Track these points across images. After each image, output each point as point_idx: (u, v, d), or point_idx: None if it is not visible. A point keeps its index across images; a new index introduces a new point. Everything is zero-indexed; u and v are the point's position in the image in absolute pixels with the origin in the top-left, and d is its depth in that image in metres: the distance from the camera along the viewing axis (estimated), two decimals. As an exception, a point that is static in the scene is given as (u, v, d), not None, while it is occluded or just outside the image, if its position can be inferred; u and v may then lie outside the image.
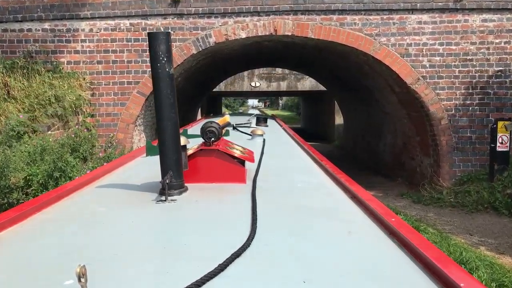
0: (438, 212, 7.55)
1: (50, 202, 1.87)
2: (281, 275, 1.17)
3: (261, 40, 9.58)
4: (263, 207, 1.74)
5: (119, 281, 1.13)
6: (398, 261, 1.29)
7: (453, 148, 8.74)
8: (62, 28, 8.79)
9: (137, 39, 8.88)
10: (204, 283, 1.06)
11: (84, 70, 8.86)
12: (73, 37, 8.83)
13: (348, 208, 1.87)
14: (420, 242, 1.34)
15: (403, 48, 8.82)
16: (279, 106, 71.58)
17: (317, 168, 2.88)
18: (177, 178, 1.92)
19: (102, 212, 1.81)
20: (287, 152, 3.80)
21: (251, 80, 20.13)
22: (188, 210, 1.79)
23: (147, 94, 8.95)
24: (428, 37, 8.78)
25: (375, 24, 8.81)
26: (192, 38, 8.86)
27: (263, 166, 2.61)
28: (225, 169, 2.20)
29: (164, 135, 1.91)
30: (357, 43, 8.81)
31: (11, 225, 1.57)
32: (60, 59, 8.80)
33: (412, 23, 8.79)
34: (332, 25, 8.80)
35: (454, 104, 8.79)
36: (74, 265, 0.93)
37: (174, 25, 8.89)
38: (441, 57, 8.78)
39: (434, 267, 1.17)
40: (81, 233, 1.54)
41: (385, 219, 1.56)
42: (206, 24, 8.86)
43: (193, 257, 1.29)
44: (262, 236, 1.42)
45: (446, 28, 8.73)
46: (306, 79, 20.07)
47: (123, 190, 2.11)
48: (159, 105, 1.90)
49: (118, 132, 8.95)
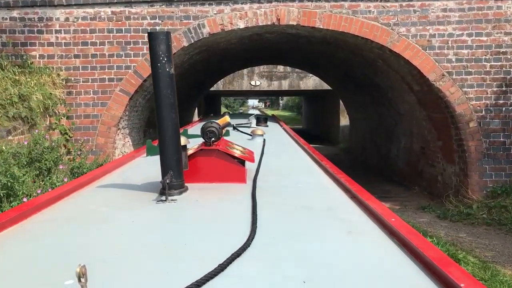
0: (471, 232, 6.40)
1: (50, 202, 1.89)
2: (281, 275, 1.17)
3: (262, 31, 8.44)
4: (263, 207, 1.76)
5: (119, 281, 1.14)
6: (398, 261, 1.28)
7: (484, 155, 7.58)
8: (33, 17, 7.65)
9: (120, 29, 7.75)
10: (204, 283, 1.07)
11: (59, 65, 7.72)
12: (46, 27, 7.69)
13: (348, 208, 1.88)
14: (420, 242, 1.33)
15: (426, 40, 7.67)
16: (280, 106, 70.74)
17: (317, 168, 2.88)
18: (177, 178, 1.93)
19: (102, 212, 1.81)
20: (287, 152, 3.79)
21: (251, 79, 18.88)
22: (188, 210, 1.81)
23: (131, 93, 7.81)
24: (454, 27, 7.62)
25: (393, 12, 7.67)
26: (183, 29, 7.72)
27: (263, 166, 2.63)
28: (225, 169, 2.21)
29: (164, 135, 1.92)
30: (372, 34, 7.67)
31: (11, 225, 1.58)
32: (31, 53, 7.65)
33: (436, 10, 7.64)
34: (344, 13, 7.66)
35: (484, 104, 7.63)
36: (74, 265, 0.94)
37: (162, 13, 7.75)
38: (470, 49, 7.62)
39: (434, 267, 1.16)
40: (81, 233, 1.54)
41: (385, 219, 1.56)
42: (199, 12, 7.72)
43: (193, 257, 1.30)
44: (262, 236, 1.43)
45: (476, 16, 7.58)
46: (310, 78, 18.85)
47: (123, 190, 2.13)
48: (159, 105, 1.91)
49: (98, 136, 7.81)
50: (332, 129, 21.04)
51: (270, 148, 3.50)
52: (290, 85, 19.28)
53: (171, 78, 1.89)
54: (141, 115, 9.00)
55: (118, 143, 8.09)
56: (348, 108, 16.30)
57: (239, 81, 18.98)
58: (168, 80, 1.88)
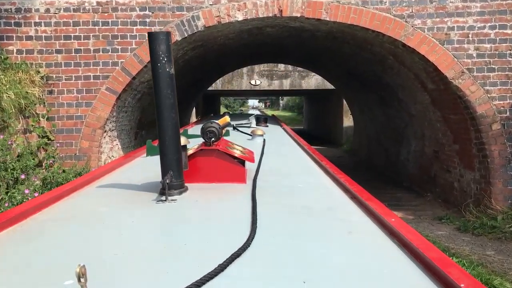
0: (499, 249, 5.67)
1: (50, 202, 1.88)
2: (281, 275, 1.17)
3: (262, 24, 7.72)
4: (263, 207, 1.75)
5: (119, 281, 1.14)
6: (398, 262, 1.28)
7: (508, 161, 6.86)
8: (10, 8, 6.93)
9: (106, 22, 7.03)
10: (204, 283, 1.07)
11: (38, 61, 7.00)
12: (24, 20, 6.97)
13: (348, 208, 1.87)
14: (420, 242, 1.33)
15: (443, 33, 6.95)
16: (280, 106, 70.02)
17: (317, 168, 2.89)
18: (177, 178, 1.93)
19: (102, 212, 1.81)
20: (288, 152, 3.79)
21: (251, 78, 18.08)
22: (188, 210, 1.81)
23: (118, 92, 7.09)
24: (475, 19, 6.91)
25: (407, 2, 6.95)
26: (175, 21, 7.00)
27: (263, 166, 2.63)
28: (225, 169, 2.21)
29: (164, 135, 1.92)
30: (384, 27, 6.95)
31: (11, 225, 1.58)
32: (8, 47, 6.93)
33: (454, 1, 6.92)
34: (353, 4, 6.94)
35: (509, 104, 6.91)
36: (74, 265, 0.93)
37: (152, 4, 7.03)
38: (493, 44, 6.90)
39: (435, 267, 1.16)
40: (81, 233, 1.54)
41: (385, 219, 1.56)
42: (193, 3, 7.00)
43: (193, 257, 1.29)
44: (262, 236, 1.43)
45: (500, 7, 6.86)
46: (312, 77, 18.08)
47: (123, 190, 2.13)
48: (159, 105, 1.91)
49: (82, 140, 7.09)
50: (335, 130, 20.26)
51: (270, 148, 3.50)
52: (291, 84, 18.47)
53: (171, 78, 1.90)
54: (131, 116, 8.28)
55: (104, 147, 7.37)
56: (352, 108, 15.56)
57: (238, 80, 18.17)
58: (168, 80, 1.89)
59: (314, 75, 17.90)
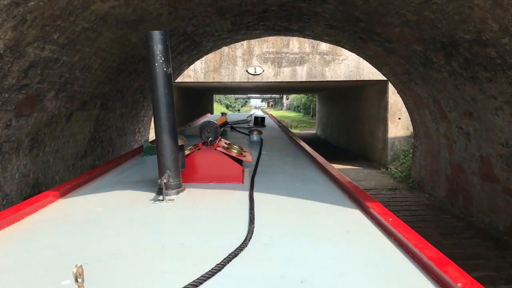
0: None
1: (47, 202, 1.91)
2: (279, 275, 1.19)
3: None
4: (261, 207, 1.80)
5: (116, 281, 1.14)
6: (396, 261, 1.30)
7: None
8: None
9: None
10: (202, 283, 1.09)
11: None
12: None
13: (345, 208, 1.88)
14: (417, 242, 1.33)
15: None
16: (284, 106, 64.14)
17: (315, 168, 2.89)
18: (174, 177, 1.98)
19: (99, 212, 1.82)
20: (285, 152, 3.78)
21: (248, 64, 11.87)
22: (185, 210, 1.84)
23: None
24: None
25: None
26: None
27: (261, 166, 2.70)
28: (223, 169, 2.25)
29: (161, 135, 1.94)
30: None
31: (8, 225, 1.58)
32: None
33: None
34: None
35: None
36: (71, 265, 0.93)
37: None
38: None
39: (431, 266, 1.18)
40: (78, 233, 1.54)
41: (383, 219, 1.56)
42: None
43: (191, 257, 1.32)
44: (260, 236, 1.46)
45: None
46: (341, 62, 11.95)
47: (120, 190, 2.17)
48: (156, 104, 1.92)
49: None
50: (372, 141, 13.83)
51: (268, 148, 3.62)
52: (309, 73, 12.18)
53: (169, 78, 1.95)
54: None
55: None
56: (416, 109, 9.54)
57: (229, 67, 11.92)
58: (165, 80, 1.93)
59: (344, 59, 11.85)
